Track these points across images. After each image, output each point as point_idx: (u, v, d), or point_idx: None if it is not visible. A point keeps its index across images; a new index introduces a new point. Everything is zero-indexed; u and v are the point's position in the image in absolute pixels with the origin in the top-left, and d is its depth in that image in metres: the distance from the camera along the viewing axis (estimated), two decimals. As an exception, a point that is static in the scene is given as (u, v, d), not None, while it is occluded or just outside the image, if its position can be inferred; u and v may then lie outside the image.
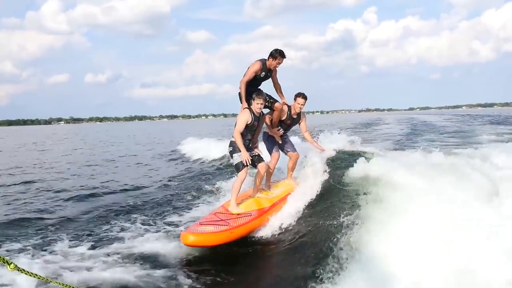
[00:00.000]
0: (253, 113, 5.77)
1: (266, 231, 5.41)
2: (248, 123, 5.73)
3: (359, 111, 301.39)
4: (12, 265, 1.94)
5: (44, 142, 33.36)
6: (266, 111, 6.40)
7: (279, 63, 6.21)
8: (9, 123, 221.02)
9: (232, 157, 5.81)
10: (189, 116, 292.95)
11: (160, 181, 10.30)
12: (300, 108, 6.46)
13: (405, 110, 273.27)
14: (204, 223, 5.09)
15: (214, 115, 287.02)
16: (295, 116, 6.52)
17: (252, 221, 5.26)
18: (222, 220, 5.18)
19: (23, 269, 2.00)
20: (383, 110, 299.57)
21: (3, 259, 1.89)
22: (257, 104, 5.72)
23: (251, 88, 6.06)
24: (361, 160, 5.83)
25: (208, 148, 15.02)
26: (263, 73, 6.19)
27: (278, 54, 6.09)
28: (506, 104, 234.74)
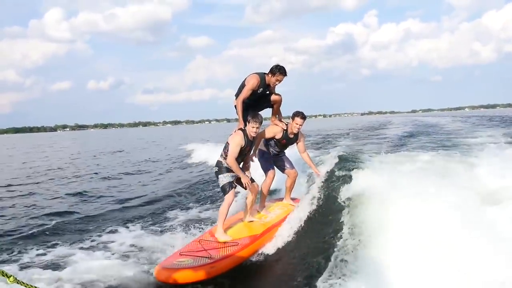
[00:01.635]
0: (247, 136, 5.35)
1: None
2: (241, 147, 5.32)
3: (362, 114, 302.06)
4: (11, 278, 1.94)
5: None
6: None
7: (279, 80, 5.74)
8: (16, 130, 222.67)
9: (217, 178, 5.41)
10: (193, 122, 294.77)
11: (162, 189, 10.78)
12: (298, 128, 6.00)
13: (407, 112, 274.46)
14: (184, 254, 4.61)
15: (217, 120, 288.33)
16: (291, 136, 6.08)
17: (238, 252, 4.71)
18: (204, 250, 4.69)
19: (22, 282, 2.00)
20: (386, 112, 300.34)
21: (3, 272, 1.91)
22: (252, 128, 5.29)
23: (248, 101, 5.72)
24: (357, 172, 5.62)
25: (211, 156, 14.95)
26: (261, 88, 5.75)
27: (277, 70, 5.64)
28: (509, 105, 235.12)
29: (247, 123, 5.33)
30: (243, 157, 5.49)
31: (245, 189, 5.52)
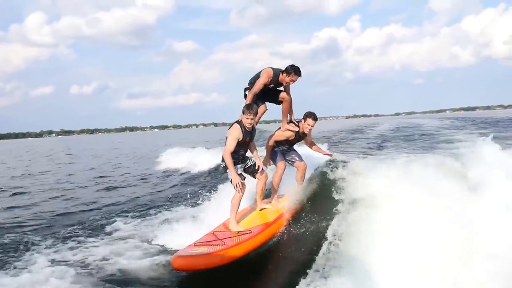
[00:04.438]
0: (244, 128, 5.30)
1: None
2: (239, 140, 5.28)
3: (347, 117, 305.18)
4: None
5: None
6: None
7: (293, 81, 5.76)
8: (0, 136, 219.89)
9: (226, 172, 5.41)
10: (180, 126, 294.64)
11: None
12: (310, 129, 6.10)
13: (391, 115, 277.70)
14: (199, 244, 4.78)
15: (204, 124, 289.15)
16: (302, 135, 6.22)
17: (251, 239, 4.80)
18: (218, 239, 4.82)
19: None
20: (370, 115, 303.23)
21: None
22: (247, 119, 5.24)
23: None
24: (345, 169, 5.73)
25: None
26: (272, 85, 5.80)
27: (292, 71, 5.68)
28: (488, 107, 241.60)
29: (242, 114, 5.30)
30: (245, 148, 5.51)
31: (254, 177, 5.65)
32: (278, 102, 6.04)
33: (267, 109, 6.13)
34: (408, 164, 5.56)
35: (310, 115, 6.04)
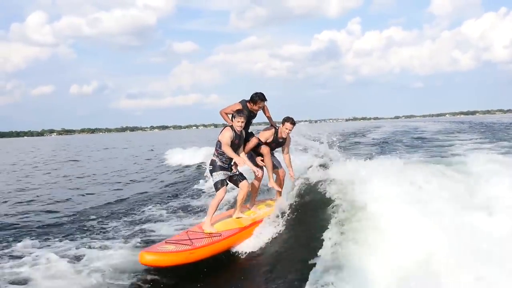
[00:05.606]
0: (235, 131, 5.76)
1: (243, 248, 5.39)
2: (232, 139, 5.73)
3: (346, 120, 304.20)
4: None
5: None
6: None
7: (260, 107, 6.22)
8: (2, 135, 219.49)
9: (211, 175, 5.83)
10: (180, 126, 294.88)
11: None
12: (287, 133, 6.34)
13: (391, 118, 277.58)
14: (169, 242, 4.96)
15: (204, 125, 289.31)
16: (281, 140, 6.44)
17: (218, 242, 5.04)
18: (188, 239, 5.01)
19: None
20: (370, 118, 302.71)
21: None
22: (238, 122, 5.70)
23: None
24: (340, 173, 5.85)
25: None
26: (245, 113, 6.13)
27: (257, 98, 6.09)
28: (487, 112, 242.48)
29: (233, 119, 5.81)
30: (234, 150, 5.81)
31: (238, 186, 5.97)
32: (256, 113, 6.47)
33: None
34: (405, 169, 5.54)
35: (288, 119, 6.29)
